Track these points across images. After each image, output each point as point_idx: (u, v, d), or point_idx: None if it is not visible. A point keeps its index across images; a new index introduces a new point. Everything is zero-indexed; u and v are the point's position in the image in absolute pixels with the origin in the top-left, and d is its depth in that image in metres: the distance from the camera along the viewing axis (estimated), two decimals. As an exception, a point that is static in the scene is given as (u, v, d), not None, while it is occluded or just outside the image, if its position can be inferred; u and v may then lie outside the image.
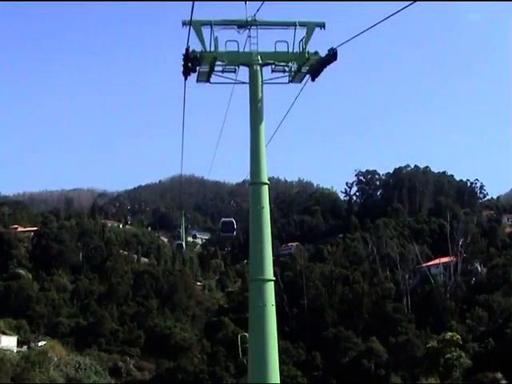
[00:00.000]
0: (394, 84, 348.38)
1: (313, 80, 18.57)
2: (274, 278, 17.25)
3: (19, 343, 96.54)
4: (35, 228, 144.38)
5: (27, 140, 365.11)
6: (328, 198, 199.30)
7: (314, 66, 18.18)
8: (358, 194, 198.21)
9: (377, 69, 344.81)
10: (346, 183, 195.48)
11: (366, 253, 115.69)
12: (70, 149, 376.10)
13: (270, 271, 17.11)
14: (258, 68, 18.19)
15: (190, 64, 17.59)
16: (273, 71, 18.74)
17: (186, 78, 18.22)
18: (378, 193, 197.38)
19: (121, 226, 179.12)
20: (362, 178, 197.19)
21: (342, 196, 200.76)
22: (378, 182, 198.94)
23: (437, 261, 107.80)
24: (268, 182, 17.79)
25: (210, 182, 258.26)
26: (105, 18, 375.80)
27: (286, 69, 18.71)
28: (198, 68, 17.99)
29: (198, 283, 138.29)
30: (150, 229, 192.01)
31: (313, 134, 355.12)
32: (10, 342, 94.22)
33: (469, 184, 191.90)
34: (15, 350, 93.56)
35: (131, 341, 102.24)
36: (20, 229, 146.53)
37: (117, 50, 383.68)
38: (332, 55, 17.60)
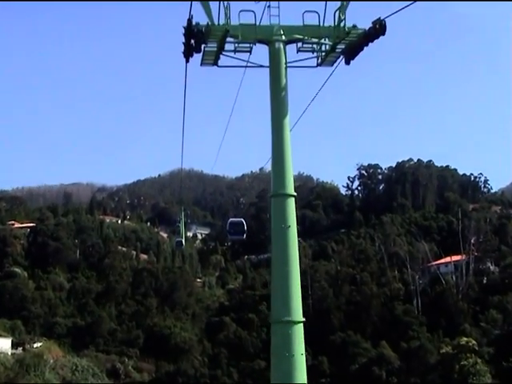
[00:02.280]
0: (397, 78, 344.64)
1: (348, 62, 14.59)
2: (303, 319, 13.32)
3: (14, 345, 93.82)
4: (32, 224, 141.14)
5: (26, 135, 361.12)
6: (329, 193, 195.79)
7: (353, 43, 14.19)
8: (359, 188, 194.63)
9: (380, 62, 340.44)
10: (348, 177, 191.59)
11: (373, 251, 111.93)
12: (69, 143, 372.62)
13: (298, 311, 13.20)
14: (281, 46, 14.22)
15: (193, 41, 13.64)
16: (299, 51, 14.75)
17: (187, 60, 14.25)
18: (381, 187, 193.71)
19: (119, 221, 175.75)
20: (363, 172, 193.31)
21: (343, 190, 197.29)
22: (380, 177, 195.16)
23: (448, 259, 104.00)
24: (295, 194, 13.96)
25: (209, 176, 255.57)
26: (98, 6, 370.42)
27: (316, 47, 14.72)
28: (203, 47, 14.05)
29: (198, 280, 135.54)
30: (149, 224, 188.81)
31: (313, 126, 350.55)
32: (3, 344, 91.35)
33: (472, 178, 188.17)
34: (9, 353, 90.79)
35: (130, 341, 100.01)
36: (17, 225, 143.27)
37: (111, 35, 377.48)
38: (379, 29, 13.54)
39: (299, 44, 14.76)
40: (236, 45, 14.49)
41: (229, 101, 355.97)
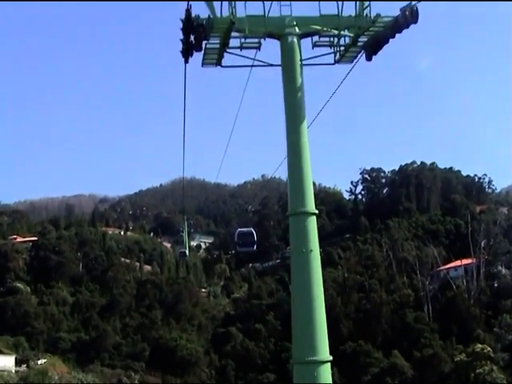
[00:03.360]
0: (398, 80, 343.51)
1: (369, 58, 12.75)
2: (330, 358, 11.60)
3: (17, 362, 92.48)
4: (35, 238, 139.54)
5: (27, 147, 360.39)
6: (332, 198, 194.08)
7: (377, 35, 12.33)
8: (363, 192, 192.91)
9: (380, 64, 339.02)
10: (351, 182, 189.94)
11: (381, 256, 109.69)
12: (70, 155, 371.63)
13: (324, 348, 11.54)
14: (295, 40, 12.35)
15: (192, 37, 11.76)
16: (314, 46, 12.90)
17: (186, 60, 12.36)
18: (384, 191, 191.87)
19: (122, 232, 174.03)
20: (367, 176, 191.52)
21: (346, 195, 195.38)
22: (383, 180, 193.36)
23: (458, 263, 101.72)
24: (316, 212, 12.04)
25: (212, 185, 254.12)
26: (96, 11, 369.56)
27: (334, 41, 12.82)
28: (204, 43, 12.19)
29: (203, 290, 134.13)
30: (152, 234, 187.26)
31: (313, 130, 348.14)
32: (7, 362, 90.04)
33: (476, 179, 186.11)
34: (13, 370, 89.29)
35: (135, 355, 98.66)
36: (19, 239, 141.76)
37: (110, 42, 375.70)
38: (410, 16, 11.66)
39: (315, 38, 12.90)
40: (242, 40, 12.58)
41: (230, 105, 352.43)
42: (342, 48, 13.08)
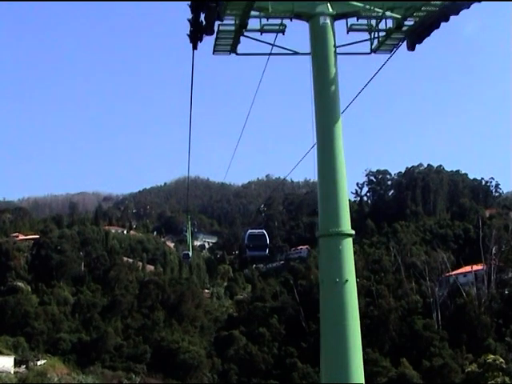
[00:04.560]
0: (403, 82, 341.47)
1: (412, 47, 10.68)
2: None
3: (17, 363, 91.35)
4: (36, 236, 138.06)
5: (31, 145, 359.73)
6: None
7: (427, 18, 10.24)
8: (368, 194, 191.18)
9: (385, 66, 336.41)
10: (357, 183, 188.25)
11: (388, 261, 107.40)
12: (75, 152, 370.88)
13: None
14: (328, 21, 10.21)
15: (203, 16, 9.64)
16: (350, 30, 10.84)
17: (195, 46, 10.34)
18: (390, 193, 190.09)
19: (125, 231, 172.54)
20: (372, 178, 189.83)
21: (351, 197, 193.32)
22: (389, 182, 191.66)
23: (468, 268, 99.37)
24: (353, 233, 9.96)
25: (216, 184, 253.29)
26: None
27: (374, 25, 10.75)
28: (217, 25, 10.11)
29: (206, 291, 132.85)
30: (155, 233, 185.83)
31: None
32: (6, 363, 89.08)
33: (483, 182, 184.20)
34: (12, 371, 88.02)
35: (137, 356, 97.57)
36: (21, 237, 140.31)
37: (113, 38, 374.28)
38: None
39: (350, 20, 10.86)
40: (263, 21, 10.50)
41: (233, 103, 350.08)
42: (383, 34, 10.93)
